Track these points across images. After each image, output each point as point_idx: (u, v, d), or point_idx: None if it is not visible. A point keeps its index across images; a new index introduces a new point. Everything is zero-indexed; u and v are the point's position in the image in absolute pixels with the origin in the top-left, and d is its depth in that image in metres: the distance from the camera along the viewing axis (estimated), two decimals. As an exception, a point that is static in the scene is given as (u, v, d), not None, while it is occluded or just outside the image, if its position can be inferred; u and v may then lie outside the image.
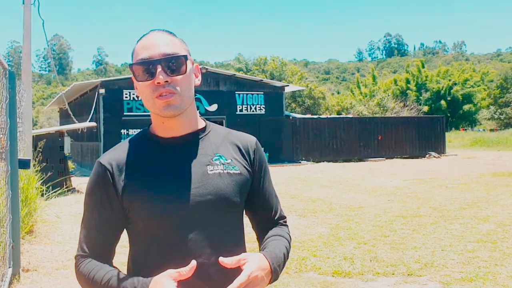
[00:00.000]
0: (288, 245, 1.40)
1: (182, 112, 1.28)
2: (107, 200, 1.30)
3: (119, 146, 1.38)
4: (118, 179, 1.29)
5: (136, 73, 1.27)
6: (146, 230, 1.29)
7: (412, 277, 4.73)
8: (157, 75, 1.23)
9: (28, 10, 9.49)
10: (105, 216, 1.31)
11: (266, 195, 1.45)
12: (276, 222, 1.47)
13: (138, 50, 1.29)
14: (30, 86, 9.44)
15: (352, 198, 10.36)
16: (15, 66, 63.00)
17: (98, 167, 1.32)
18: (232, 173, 1.33)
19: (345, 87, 79.13)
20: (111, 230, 1.33)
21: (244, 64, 47.93)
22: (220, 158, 1.34)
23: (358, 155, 22.42)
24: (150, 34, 1.31)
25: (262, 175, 1.44)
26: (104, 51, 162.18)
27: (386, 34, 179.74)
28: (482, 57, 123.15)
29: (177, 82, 1.26)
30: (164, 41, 1.28)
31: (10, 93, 4.63)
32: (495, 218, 7.57)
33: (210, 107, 20.62)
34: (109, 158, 1.33)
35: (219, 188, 1.30)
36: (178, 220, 1.26)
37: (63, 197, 9.86)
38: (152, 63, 1.24)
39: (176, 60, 1.26)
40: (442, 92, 47.70)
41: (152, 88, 1.25)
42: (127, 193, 1.28)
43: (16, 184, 4.81)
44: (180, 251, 1.24)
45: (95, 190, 1.32)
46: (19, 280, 4.64)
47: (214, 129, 1.41)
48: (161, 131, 1.33)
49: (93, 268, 1.28)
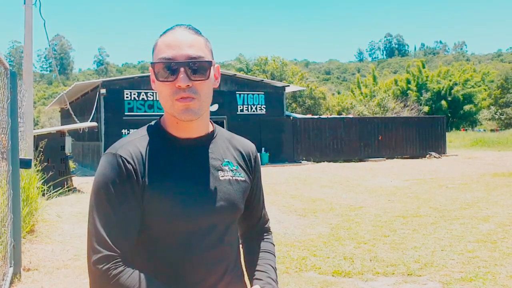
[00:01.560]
0: (274, 261, 1.47)
1: (199, 117, 1.26)
2: (131, 192, 1.20)
3: (132, 140, 1.28)
4: (140, 173, 1.22)
5: (157, 72, 1.23)
6: (159, 231, 1.24)
7: (412, 277, 4.74)
8: (179, 79, 1.20)
9: (29, 10, 9.51)
10: (131, 212, 1.20)
11: (257, 201, 1.50)
12: (262, 225, 1.54)
13: (161, 47, 1.24)
14: (31, 86, 9.46)
15: (352, 198, 10.37)
16: (17, 66, 63.09)
17: (115, 159, 1.21)
18: (239, 180, 1.35)
19: (345, 87, 79.13)
20: (135, 226, 1.21)
21: (245, 64, 47.98)
22: (229, 164, 1.35)
23: (359, 155, 22.42)
24: (175, 31, 1.25)
25: (258, 181, 1.48)
26: (105, 51, 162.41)
27: (386, 34, 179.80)
28: (483, 57, 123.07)
29: (198, 87, 1.22)
30: (189, 41, 1.23)
31: (11, 93, 4.65)
32: (495, 218, 7.58)
33: (211, 107, 20.44)
34: (128, 151, 1.23)
35: (230, 194, 1.31)
36: (192, 225, 1.25)
37: (64, 197, 9.87)
38: (175, 65, 1.20)
39: (200, 64, 1.22)
40: (443, 92, 47.67)
41: (172, 90, 1.22)
42: (147, 190, 1.21)
43: (17, 183, 4.82)
44: (192, 255, 1.25)
45: (117, 184, 1.19)
46: (20, 279, 4.66)
47: (219, 132, 1.41)
48: (175, 130, 1.30)
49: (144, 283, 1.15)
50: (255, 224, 1.52)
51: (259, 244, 1.49)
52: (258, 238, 1.51)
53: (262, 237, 1.51)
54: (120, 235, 1.18)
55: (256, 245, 1.48)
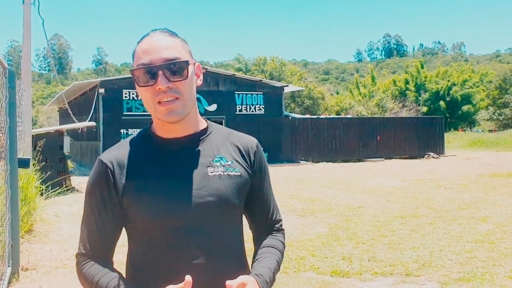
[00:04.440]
0: (279, 256, 1.42)
1: (184, 117, 1.28)
2: (108, 198, 1.30)
3: (120, 144, 1.38)
4: (119, 178, 1.29)
5: (137, 78, 1.26)
6: (146, 230, 1.29)
7: (410, 277, 4.75)
8: (158, 82, 1.23)
9: (28, 9, 9.49)
10: (106, 215, 1.31)
11: (264, 197, 1.47)
12: (272, 224, 1.49)
13: (139, 54, 1.28)
14: (29, 85, 9.44)
15: (350, 198, 10.38)
16: (15, 66, 62.98)
17: (99, 165, 1.32)
18: (232, 175, 1.34)
19: (344, 87, 79.16)
20: (111, 229, 1.33)
21: (244, 64, 47.99)
22: (221, 159, 1.35)
23: (357, 155, 22.43)
24: (151, 36, 1.29)
25: (262, 177, 1.45)
26: (104, 51, 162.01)
27: (385, 34, 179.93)
28: (481, 58, 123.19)
29: (179, 87, 1.26)
30: (165, 45, 1.27)
31: (10, 92, 4.64)
32: (493, 218, 7.59)
33: (209, 107, 20.62)
34: (111, 156, 1.32)
35: (219, 190, 1.30)
36: (178, 222, 1.26)
37: (62, 196, 9.87)
38: (153, 69, 1.24)
39: (177, 65, 1.25)
40: (441, 92, 47.70)
41: (153, 93, 1.25)
42: (127, 192, 1.28)
43: (16, 183, 4.81)
44: (179, 252, 1.25)
45: (96, 189, 1.31)
46: (18, 279, 4.65)
47: (215, 129, 1.41)
48: (163, 132, 1.34)
49: (97, 273, 1.28)
50: (263, 221, 1.48)
51: (264, 240, 1.45)
52: (266, 236, 1.47)
53: (270, 234, 1.48)
54: (95, 237, 1.32)
55: (261, 242, 1.45)
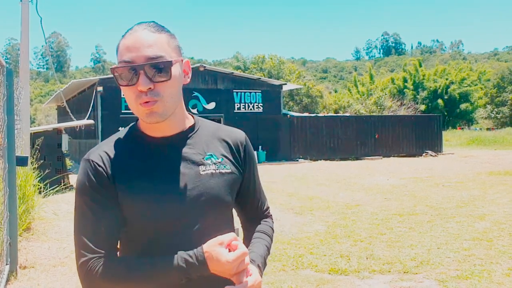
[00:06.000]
0: (269, 241, 1.45)
1: (166, 119, 1.23)
2: (106, 196, 1.23)
3: (105, 143, 1.30)
4: (111, 177, 1.24)
5: (118, 77, 1.20)
6: (139, 230, 1.26)
7: (408, 274, 4.76)
8: (139, 82, 1.17)
9: (26, 7, 9.48)
10: (110, 214, 1.23)
11: (254, 190, 1.47)
12: (262, 213, 1.52)
13: (121, 50, 1.21)
14: (28, 83, 9.43)
15: (349, 196, 10.39)
16: (13, 64, 62.82)
17: (88, 165, 1.24)
18: (224, 173, 1.32)
19: (342, 85, 79.24)
20: (117, 228, 1.25)
21: (242, 62, 48.02)
22: (211, 157, 1.32)
23: (355, 153, 22.47)
24: (135, 31, 1.22)
25: (252, 171, 1.44)
26: (102, 49, 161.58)
27: (383, 33, 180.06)
28: (479, 56, 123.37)
29: (160, 89, 1.19)
30: (149, 42, 1.19)
31: (8, 90, 4.64)
32: (491, 216, 7.61)
33: (208, 105, 20.62)
34: (99, 155, 1.26)
35: (212, 188, 1.29)
36: (173, 221, 1.24)
37: (60, 195, 9.86)
38: (134, 68, 1.17)
39: (160, 65, 1.18)
40: (439, 91, 47.78)
41: (135, 94, 1.19)
42: (119, 195, 1.23)
43: (14, 181, 4.81)
44: (173, 252, 1.22)
45: (91, 189, 1.23)
46: (16, 277, 4.65)
47: (203, 125, 1.39)
48: (150, 131, 1.29)
49: (129, 263, 1.21)
50: (253, 214, 1.50)
51: (255, 228, 1.47)
52: (256, 224, 1.49)
53: (260, 222, 1.50)
54: (100, 236, 1.21)
55: (252, 231, 1.47)
